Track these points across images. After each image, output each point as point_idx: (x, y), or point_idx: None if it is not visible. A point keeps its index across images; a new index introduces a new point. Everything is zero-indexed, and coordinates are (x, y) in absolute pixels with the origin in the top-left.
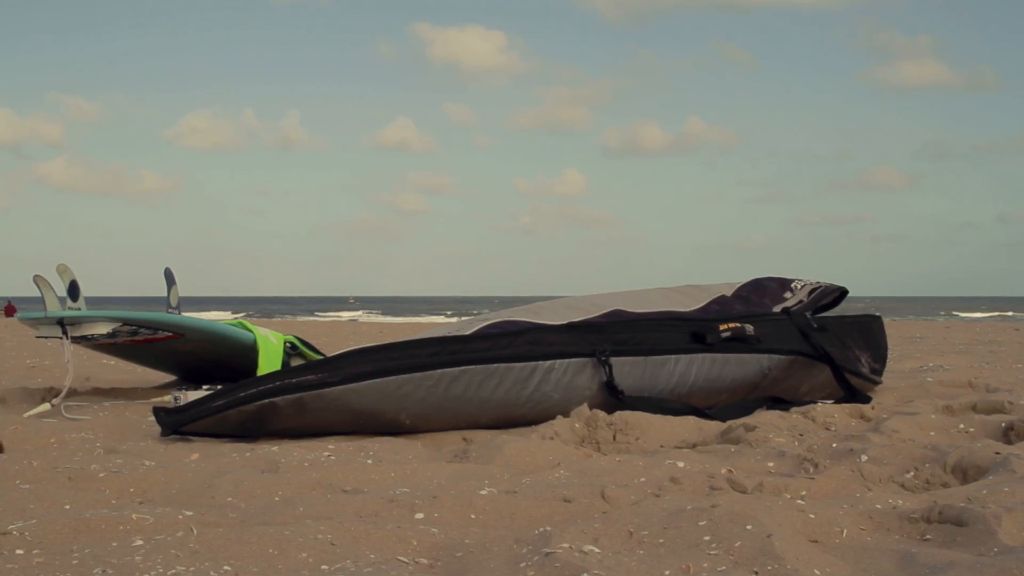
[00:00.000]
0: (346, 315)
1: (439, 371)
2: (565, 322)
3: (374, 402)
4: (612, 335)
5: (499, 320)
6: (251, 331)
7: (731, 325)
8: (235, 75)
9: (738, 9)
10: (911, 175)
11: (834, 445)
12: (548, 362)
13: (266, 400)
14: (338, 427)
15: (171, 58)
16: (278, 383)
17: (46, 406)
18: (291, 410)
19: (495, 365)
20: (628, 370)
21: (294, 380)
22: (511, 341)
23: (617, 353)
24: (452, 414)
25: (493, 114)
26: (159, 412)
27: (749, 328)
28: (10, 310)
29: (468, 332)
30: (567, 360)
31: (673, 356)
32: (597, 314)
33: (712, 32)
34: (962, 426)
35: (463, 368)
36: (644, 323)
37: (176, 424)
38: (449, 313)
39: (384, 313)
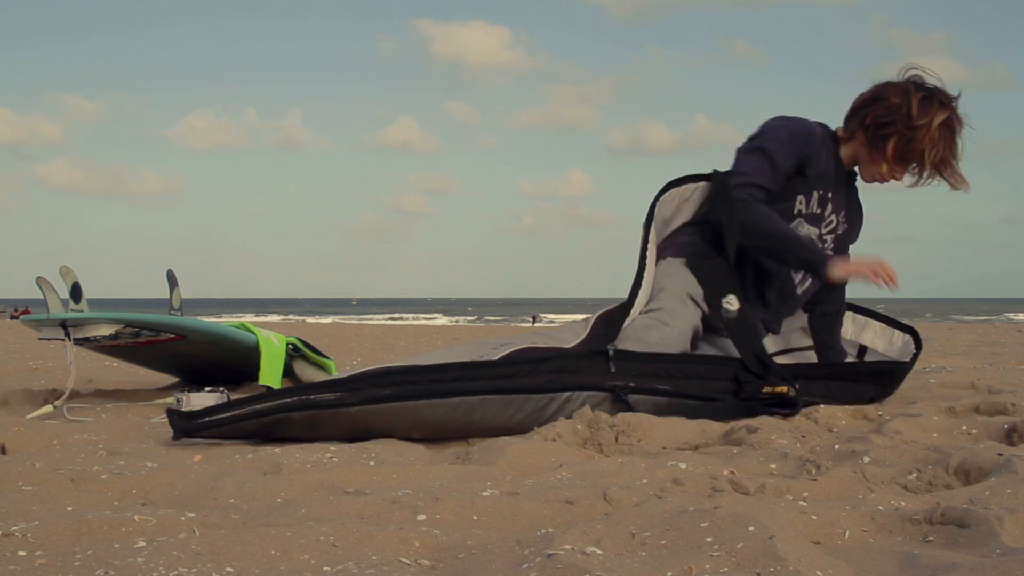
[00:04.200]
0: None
1: (458, 399)
2: (595, 349)
3: (388, 421)
4: (644, 366)
5: (524, 347)
6: (253, 333)
7: (777, 389)
8: (236, 74)
9: (747, 5)
10: None
11: (836, 447)
12: (567, 393)
13: (281, 414)
14: (346, 438)
15: (171, 56)
16: (296, 399)
17: (48, 408)
18: (304, 423)
19: (513, 396)
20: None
21: (312, 397)
22: (534, 368)
23: (640, 391)
24: (465, 433)
25: (497, 113)
26: (173, 415)
27: (791, 391)
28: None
29: (494, 359)
30: (587, 392)
31: (702, 403)
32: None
33: (720, 28)
34: (964, 428)
35: (483, 397)
36: (691, 363)
37: (190, 431)
38: (460, 318)
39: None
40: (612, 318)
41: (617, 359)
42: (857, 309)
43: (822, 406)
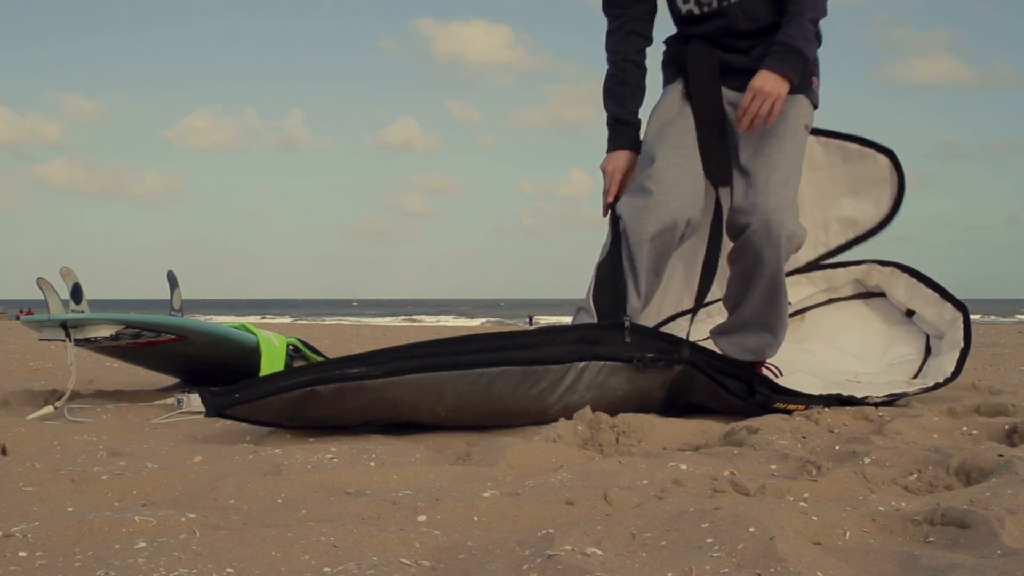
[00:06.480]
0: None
1: (479, 370)
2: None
3: (411, 394)
4: (659, 343)
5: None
6: (254, 333)
7: (790, 407)
8: (236, 74)
9: None
10: (921, 176)
11: (837, 447)
12: (584, 363)
13: (308, 388)
14: (375, 416)
15: (171, 56)
16: (322, 373)
17: (49, 408)
18: (331, 396)
19: (533, 368)
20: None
21: (337, 372)
22: (556, 338)
23: (659, 361)
24: (486, 411)
25: (498, 113)
26: (204, 394)
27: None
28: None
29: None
30: (603, 362)
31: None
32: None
33: None
34: (965, 428)
35: (503, 369)
36: (707, 354)
37: (221, 406)
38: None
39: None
40: (608, 289)
41: (632, 332)
42: (909, 271)
43: (825, 408)
